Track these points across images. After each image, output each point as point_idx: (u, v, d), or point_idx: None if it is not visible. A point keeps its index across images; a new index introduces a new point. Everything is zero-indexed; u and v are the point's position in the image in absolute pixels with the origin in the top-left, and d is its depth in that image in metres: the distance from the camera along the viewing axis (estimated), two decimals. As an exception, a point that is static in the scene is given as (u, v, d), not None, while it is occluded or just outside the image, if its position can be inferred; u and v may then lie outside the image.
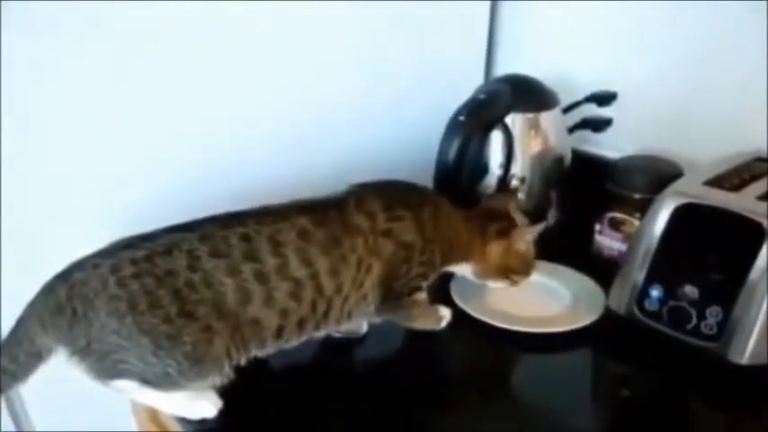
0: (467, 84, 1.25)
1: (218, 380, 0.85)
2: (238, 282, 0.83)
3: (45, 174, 1.00)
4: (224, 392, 0.87)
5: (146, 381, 0.83)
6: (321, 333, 0.93)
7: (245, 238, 0.84)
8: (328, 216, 0.90)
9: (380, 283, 0.93)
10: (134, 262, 0.81)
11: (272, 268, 0.85)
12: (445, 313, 1.04)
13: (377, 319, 0.98)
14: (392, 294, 0.95)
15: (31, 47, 0.93)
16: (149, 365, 0.81)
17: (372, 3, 1.21)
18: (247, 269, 0.84)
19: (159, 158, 1.08)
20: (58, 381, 0.83)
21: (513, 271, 1.03)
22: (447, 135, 1.06)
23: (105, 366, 0.81)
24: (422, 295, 1.00)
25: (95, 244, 0.84)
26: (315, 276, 0.87)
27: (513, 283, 1.04)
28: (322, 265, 0.87)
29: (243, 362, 0.87)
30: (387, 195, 0.96)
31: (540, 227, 1.03)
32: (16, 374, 0.82)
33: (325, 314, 0.90)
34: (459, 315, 1.04)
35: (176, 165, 1.09)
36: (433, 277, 1.00)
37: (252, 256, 0.84)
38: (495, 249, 1.01)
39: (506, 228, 1.02)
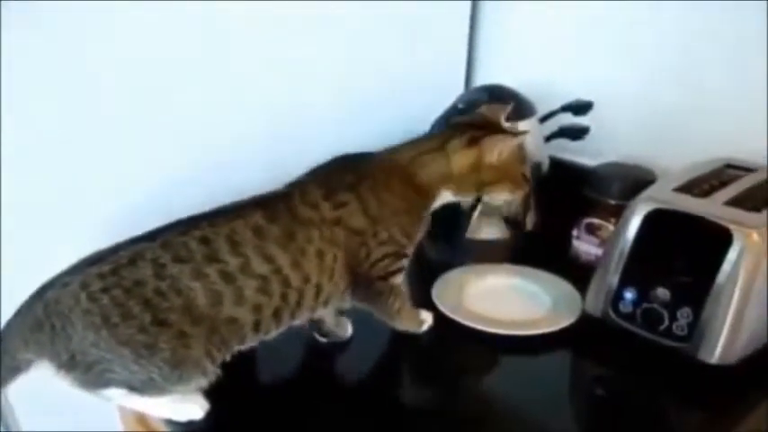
0: (447, 93, 1.28)
1: (203, 381, 0.86)
2: (206, 284, 0.85)
3: (44, 173, 1.01)
4: (211, 394, 0.89)
5: (133, 387, 0.84)
6: (299, 321, 0.94)
7: (204, 241, 0.86)
8: (278, 210, 0.91)
9: (347, 269, 0.94)
10: (101, 276, 0.82)
11: (235, 267, 0.86)
12: (426, 317, 1.05)
13: (356, 304, 0.98)
14: (362, 280, 0.96)
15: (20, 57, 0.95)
16: (133, 373, 0.83)
17: (353, 12, 1.23)
18: (212, 271, 0.85)
19: (153, 159, 1.09)
20: (44, 380, 0.84)
21: (486, 184, 1.00)
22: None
23: (92, 377, 0.83)
24: (398, 278, 1.00)
25: (94, 245, 0.86)
26: (279, 271, 0.88)
27: (497, 195, 1.02)
28: (283, 259, 0.89)
29: (227, 358, 0.89)
30: (326, 181, 0.95)
31: (516, 140, 0.99)
32: None
33: (299, 303, 0.91)
34: (440, 318, 1.06)
35: (170, 165, 1.11)
36: (411, 249, 1.00)
37: (214, 258, 0.85)
38: (462, 160, 0.99)
39: (474, 138, 0.99)
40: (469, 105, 1.13)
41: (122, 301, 0.81)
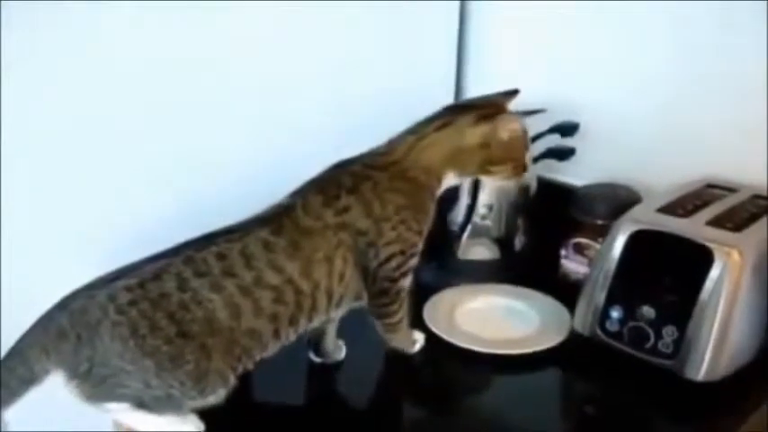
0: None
1: (222, 393, 0.89)
2: (225, 297, 0.87)
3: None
4: (205, 415, 0.90)
5: (142, 404, 0.86)
6: (316, 323, 0.96)
7: (220, 257, 0.88)
8: (283, 223, 0.92)
9: (359, 270, 0.96)
10: (128, 289, 0.85)
11: (250, 281, 0.89)
12: (419, 337, 1.07)
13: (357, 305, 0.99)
14: (371, 280, 0.97)
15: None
16: (150, 388, 0.85)
17: (340, 25, 1.24)
18: (229, 284, 0.88)
19: (153, 158, 1.10)
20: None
21: (491, 162, 1.00)
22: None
23: (103, 390, 0.85)
24: (407, 281, 1.00)
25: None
26: (290, 281, 0.90)
27: (497, 175, 1.02)
28: (292, 269, 0.91)
29: (251, 367, 0.91)
30: (325, 189, 0.96)
31: (529, 116, 1.00)
32: (5, 400, 0.84)
33: (313, 308, 0.93)
34: (431, 338, 1.07)
35: (169, 165, 1.11)
36: (419, 248, 0.99)
37: (230, 272, 0.88)
38: (474, 137, 0.99)
39: (486, 115, 0.99)
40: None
41: (149, 313, 0.84)
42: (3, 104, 0.94)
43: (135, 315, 0.84)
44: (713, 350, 0.94)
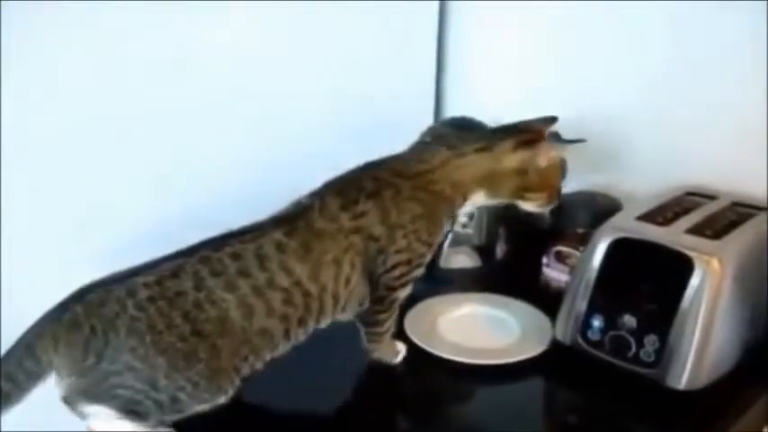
0: (416, 126, 1.29)
1: (231, 392, 0.90)
2: (239, 297, 0.89)
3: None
4: (180, 427, 0.90)
5: (133, 410, 0.86)
6: (324, 325, 0.96)
7: (235, 257, 0.90)
8: (297, 225, 0.94)
9: (365, 276, 0.96)
10: (147, 286, 0.86)
11: (263, 282, 0.90)
12: (401, 348, 1.06)
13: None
14: (378, 288, 0.98)
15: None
16: (156, 390, 0.85)
17: (322, 44, 1.25)
18: (243, 284, 0.89)
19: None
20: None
21: (528, 189, 1.02)
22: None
23: (101, 389, 0.85)
24: (405, 291, 1.01)
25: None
26: (298, 283, 0.92)
27: (532, 202, 1.03)
28: (301, 271, 0.92)
29: (260, 367, 0.93)
30: (345, 191, 0.97)
31: (570, 145, 1.02)
32: (10, 396, 0.84)
33: (320, 311, 0.94)
34: (412, 349, 1.06)
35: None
36: (427, 258, 1.00)
37: (245, 273, 0.90)
38: (512, 162, 1.00)
39: (527, 141, 1.00)
40: (435, 139, 1.15)
41: (166, 311, 0.86)
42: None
43: (153, 312, 0.85)
44: (695, 358, 0.94)
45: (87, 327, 0.84)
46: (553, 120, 1.06)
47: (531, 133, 1.02)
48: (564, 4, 1.30)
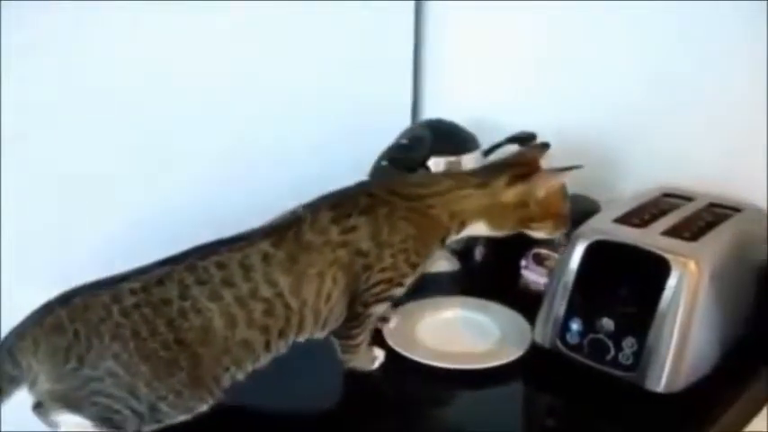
0: (395, 128, 1.29)
1: (210, 402, 0.89)
2: (222, 307, 0.88)
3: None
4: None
5: (109, 419, 0.85)
6: (303, 339, 0.96)
7: (221, 266, 0.90)
8: (286, 236, 0.93)
9: (346, 293, 0.96)
10: (133, 292, 0.86)
11: (246, 292, 0.90)
12: (378, 354, 1.05)
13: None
14: (357, 303, 0.97)
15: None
16: (136, 398, 0.84)
17: (294, 46, 1.25)
18: (227, 294, 0.89)
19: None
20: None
21: (530, 220, 1.03)
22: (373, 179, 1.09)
23: (79, 395, 0.84)
24: (381, 308, 1.00)
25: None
26: (280, 295, 0.91)
27: (539, 231, 1.04)
28: (285, 284, 0.91)
29: (241, 378, 0.92)
30: (339, 204, 0.97)
31: (563, 178, 1.02)
32: None
33: (300, 325, 0.94)
34: (391, 354, 1.06)
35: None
36: (409, 279, 1.00)
37: (229, 282, 0.89)
38: (510, 196, 1.01)
39: (521, 175, 1.01)
40: (412, 141, 1.14)
41: (151, 318, 0.86)
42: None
43: (138, 319, 0.85)
44: (673, 361, 0.94)
45: (71, 331, 0.84)
46: (545, 146, 1.08)
47: (524, 166, 1.03)
48: (542, 4, 1.30)
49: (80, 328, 0.84)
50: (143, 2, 1.05)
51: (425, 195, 1.01)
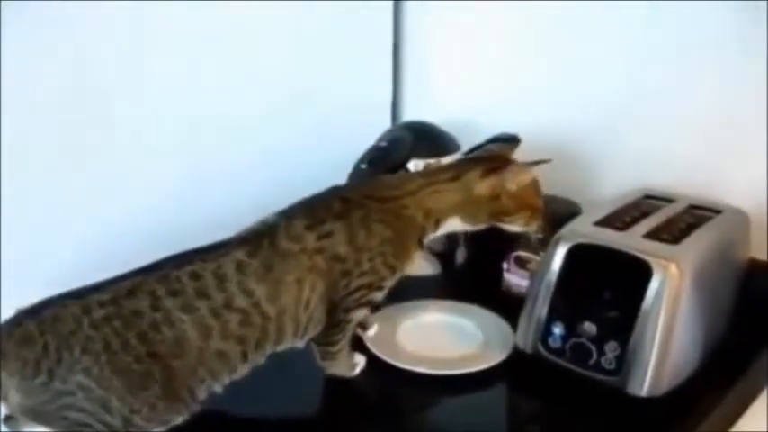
0: (375, 130, 1.28)
1: (186, 414, 0.88)
2: (196, 318, 0.87)
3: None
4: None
5: None
6: (280, 349, 0.95)
7: (195, 276, 0.88)
8: (261, 244, 0.92)
9: (324, 300, 0.95)
10: (102, 304, 0.84)
11: (221, 303, 0.88)
12: (359, 360, 1.04)
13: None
14: (338, 309, 0.97)
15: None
16: (108, 412, 0.83)
17: (277, 49, 1.24)
18: (202, 305, 0.87)
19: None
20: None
21: (503, 213, 1.02)
22: (351, 183, 1.08)
23: (49, 409, 0.82)
24: (361, 313, 0.99)
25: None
26: (256, 305, 0.90)
27: (512, 225, 1.03)
28: (260, 292, 0.90)
29: (219, 390, 0.91)
30: (313, 211, 0.96)
31: (536, 166, 1.02)
32: None
33: (279, 334, 0.93)
34: (371, 360, 1.04)
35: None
36: (389, 282, 1.00)
37: (203, 293, 0.88)
38: (482, 189, 1.01)
39: (493, 168, 1.01)
40: (392, 143, 1.14)
41: (121, 331, 0.84)
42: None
43: (108, 331, 0.83)
44: (655, 365, 0.93)
45: (40, 344, 0.82)
46: (515, 141, 1.08)
47: (495, 161, 1.03)
48: (523, 4, 1.29)
49: (49, 340, 0.82)
50: (123, 1, 1.04)
51: (398, 196, 1.00)
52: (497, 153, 1.06)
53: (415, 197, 1.00)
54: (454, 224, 1.03)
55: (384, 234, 0.97)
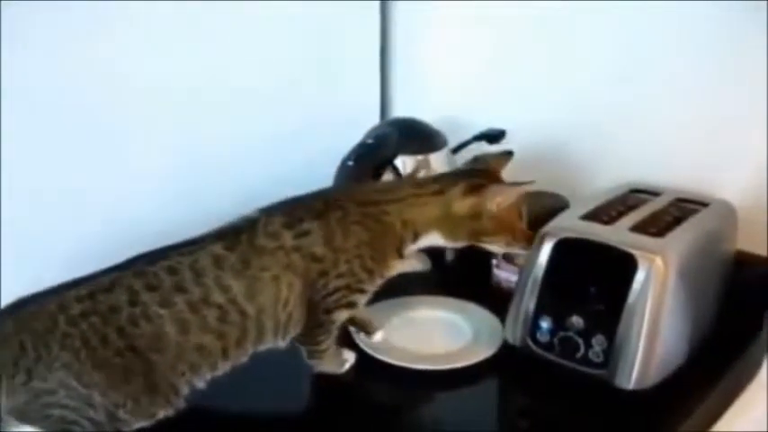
0: (364, 128, 1.28)
1: (171, 409, 0.88)
2: (174, 313, 0.87)
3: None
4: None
5: (67, 431, 0.83)
6: (265, 347, 0.94)
7: (171, 271, 0.88)
8: (240, 240, 0.92)
9: (303, 300, 0.95)
10: (79, 300, 0.84)
11: (198, 297, 0.88)
12: (349, 356, 1.04)
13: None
14: (317, 312, 0.96)
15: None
16: (92, 407, 0.83)
17: (266, 47, 1.24)
18: (180, 300, 0.87)
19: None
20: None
21: (484, 233, 1.00)
22: (337, 180, 1.08)
23: (32, 408, 0.82)
24: (343, 314, 0.99)
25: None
26: (233, 301, 0.90)
27: (491, 246, 1.02)
28: (237, 288, 0.90)
29: (201, 385, 0.91)
30: (293, 210, 0.96)
31: (518, 192, 1.00)
32: None
33: (259, 332, 0.92)
34: (361, 356, 1.05)
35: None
36: (369, 286, 0.99)
37: (180, 288, 0.88)
38: (462, 207, 0.99)
39: (476, 186, 0.99)
40: (378, 139, 1.13)
41: (100, 327, 0.84)
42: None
43: (86, 327, 0.83)
44: (642, 357, 0.93)
45: (16, 343, 0.82)
46: (509, 155, 1.06)
47: (483, 177, 1.01)
48: (508, 3, 1.29)
49: (26, 339, 0.82)
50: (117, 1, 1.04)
51: (381, 201, 0.99)
52: (487, 168, 1.03)
53: (397, 205, 0.99)
54: (434, 239, 1.01)
55: (361, 237, 0.96)
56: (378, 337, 1.07)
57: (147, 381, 0.86)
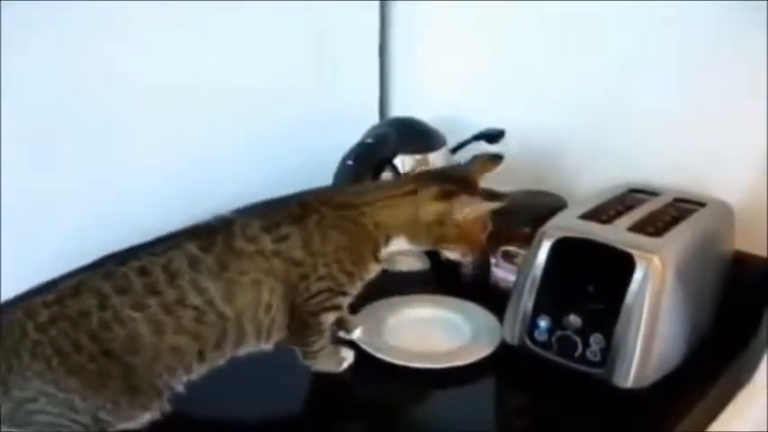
0: (363, 128, 1.28)
1: (156, 411, 0.88)
2: (147, 315, 0.85)
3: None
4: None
5: None
6: (244, 351, 0.93)
7: (143, 272, 0.86)
8: (216, 240, 0.90)
9: (285, 303, 0.94)
10: (46, 305, 0.83)
11: (173, 299, 0.87)
12: (347, 355, 1.04)
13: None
14: (299, 314, 0.95)
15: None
16: (74, 412, 0.82)
17: (266, 47, 1.24)
18: (153, 302, 0.86)
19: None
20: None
21: (445, 240, 1.00)
22: (336, 179, 1.08)
23: (18, 416, 0.81)
24: (330, 317, 0.98)
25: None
26: (210, 303, 0.88)
27: (450, 253, 1.02)
28: (214, 290, 0.89)
29: (179, 388, 0.90)
30: (270, 213, 0.95)
31: (488, 205, 0.98)
32: None
33: (239, 336, 0.91)
34: (360, 354, 1.05)
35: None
36: (350, 288, 0.98)
37: (153, 290, 0.86)
38: (431, 211, 0.98)
39: (449, 192, 0.98)
40: (378, 139, 1.14)
41: (71, 332, 0.82)
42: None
43: (56, 334, 0.82)
44: (640, 357, 0.93)
45: None
46: (498, 158, 1.04)
47: (458, 183, 0.99)
48: (507, 3, 1.30)
49: None
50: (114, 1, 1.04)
51: (358, 204, 0.98)
52: (464, 174, 1.01)
53: (372, 207, 0.98)
54: (401, 244, 1.00)
55: (339, 241, 0.96)
56: (357, 333, 1.07)
57: (128, 382, 0.85)
